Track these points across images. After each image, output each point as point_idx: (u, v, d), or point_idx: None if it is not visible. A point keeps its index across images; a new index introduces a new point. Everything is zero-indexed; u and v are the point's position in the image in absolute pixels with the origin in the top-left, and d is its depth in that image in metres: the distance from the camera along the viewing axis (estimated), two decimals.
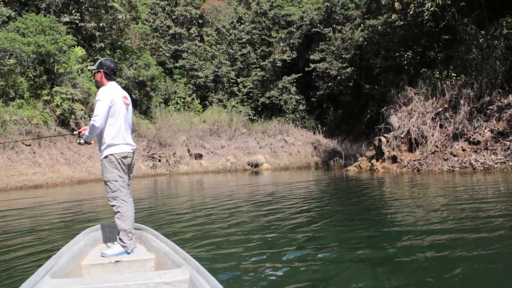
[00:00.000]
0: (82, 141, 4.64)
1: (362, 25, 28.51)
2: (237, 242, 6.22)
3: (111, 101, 4.38)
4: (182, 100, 30.30)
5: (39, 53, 19.88)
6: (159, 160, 24.49)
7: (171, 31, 31.89)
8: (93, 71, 4.69)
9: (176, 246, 3.97)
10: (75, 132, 4.81)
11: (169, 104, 29.54)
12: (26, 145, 18.87)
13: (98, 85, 4.67)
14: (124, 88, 5.25)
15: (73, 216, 10.31)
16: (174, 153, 25.57)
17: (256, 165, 27.06)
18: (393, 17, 21.39)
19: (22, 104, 19.71)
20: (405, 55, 22.30)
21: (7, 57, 19.24)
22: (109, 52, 24.39)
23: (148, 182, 20.05)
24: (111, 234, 4.64)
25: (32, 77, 20.27)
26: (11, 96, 19.51)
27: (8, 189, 16.52)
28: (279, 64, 32.31)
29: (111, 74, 4.62)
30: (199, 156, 27.06)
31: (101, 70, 4.58)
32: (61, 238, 7.28)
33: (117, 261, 4.06)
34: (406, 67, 22.47)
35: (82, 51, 22.55)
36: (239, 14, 34.99)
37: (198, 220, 8.55)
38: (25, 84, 19.95)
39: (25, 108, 19.67)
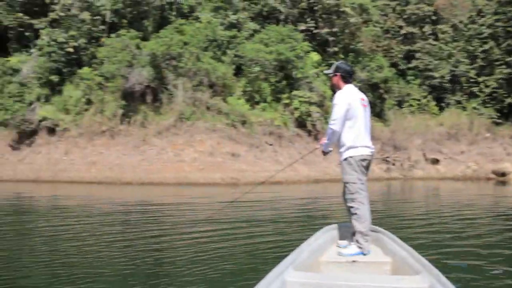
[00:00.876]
0: (327, 151, 4.76)
1: None
2: (475, 255, 5.79)
3: (348, 104, 4.34)
4: (417, 102, 28.80)
5: (280, 60, 21.41)
6: (393, 164, 23.64)
7: (402, 31, 30.73)
8: (330, 75, 4.70)
9: (414, 251, 3.84)
10: (317, 146, 4.92)
11: (402, 106, 28.44)
12: (269, 144, 20.39)
13: (334, 89, 4.69)
14: None
15: (308, 212, 10.78)
16: (409, 157, 24.35)
17: (503, 174, 23.85)
18: None
19: (265, 107, 21.48)
20: None
21: (253, 65, 21.22)
22: (342, 56, 24.77)
23: (381, 185, 19.58)
24: (347, 234, 4.64)
25: (274, 83, 21.91)
26: (256, 100, 21.46)
27: (255, 183, 17.97)
28: None
29: (348, 77, 4.59)
30: (435, 161, 25.23)
31: (338, 74, 4.57)
32: (297, 231, 7.75)
33: (353, 261, 4.11)
34: None
35: (317, 56, 23.43)
36: (478, 6, 31.67)
37: (432, 227, 8.22)
38: (268, 89, 21.70)
39: (268, 111, 21.39)
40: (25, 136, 21.81)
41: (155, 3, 23.46)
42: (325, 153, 4.77)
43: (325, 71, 4.89)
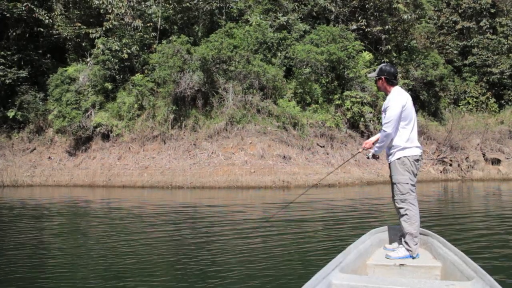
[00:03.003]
0: (370, 154, 4.76)
1: None
2: None
3: (403, 106, 4.35)
4: (475, 99, 27.52)
5: (331, 60, 20.97)
6: (450, 165, 22.63)
7: (458, 27, 29.53)
8: (375, 78, 4.69)
9: (465, 256, 3.73)
10: (360, 150, 4.99)
11: (459, 104, 27.26)
12: (321, 146, 19.99)
13: (381, 91, 4.77)
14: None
15: (358, 214, 10.59)
16: (467, 157, 23.25)
17: None
18: None
19: (317, 108, 21.10)
20: None
21: (304, 66, 20.91)
22: (395, 54, 24.04)
23: (437, 187, 18.83)
24: (396, 237, 4.63)
25: (325, 83, 21.51)
26: (307, 102, 21.13)
27: (306, 186, 17.74)
28: None
29: (392, 79, 4.56)
30: (496, 162, 23.94)
31: (383, 77, 4.56)
32: (345, 232, 7.75)
33: (402, 264, 4.06)
34: None
35: (369, 55, 22.83)
36: None
37: (493, 230, 7.90)
38: (319, 90, 21.31)
39: (319, 112, 20.99)
40: (81, 142, 22.50)
41: (205, 8, 23.62)
42: (374, 156, 4.74)
43: (369, 75, 4.91)
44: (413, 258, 4.20)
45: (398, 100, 4.36)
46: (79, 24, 23.66)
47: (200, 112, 21.24)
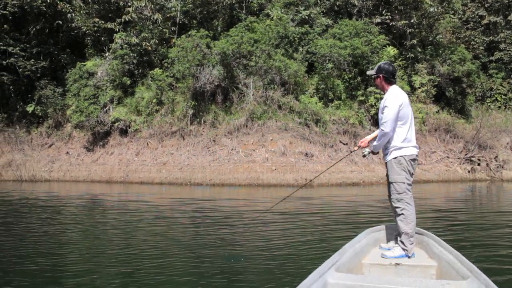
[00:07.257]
0: (366, 152, 4.79)
1: None
2: None
3: (400, 105, 4.35)
4: (503, 97, 26.61)
5: (354, 55, 20.34)
6: (478, 164, 21.80)
7: (484, 21, 28.57)
8: (373, 76, 4.67)
9: (461, 256, 3.75)
10: (355, 148, 4.97)
11: (487, 102, 26.38)
12: (344, 143, 19.44)
13: (379, 89, 4.80)
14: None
15: (375, 213, 10.37)
16: (496, 156, 22.37)
17: None
18: None
19: (340, 105, 20.52)
20: None
21: (326, 61, 20.33)
22: (419, 49, 23.27)
23: (464, 187, 18.16)
24: (391, 236, 4.63)
25: (348, 79, 20.92)
26: (330, 98, 20.56)
27: (329, 185, 17.26)
28: None
29: (391, 78, 4.54)
30: None
31: (381, 75, 4.55)
32: (358, 231, 7.62)
33: (397, 263, 4.07)
34: None
35: (394, 50, 22.12)
36: None
37: (501, 230, 7.71)
38: (342, 86, 20.73)
39: (342, 109, 20.42)
40: (99, 137, 22.29)
41: (225, 3, 23.16)
42: (373, 152, 4.71)
43: (368, 72, 4.82)
44: (409, 257, 4.21)
45: (395, 99, 4.37)
46: (97, 19, 23.40)
47: (219, 108, 20.82)
